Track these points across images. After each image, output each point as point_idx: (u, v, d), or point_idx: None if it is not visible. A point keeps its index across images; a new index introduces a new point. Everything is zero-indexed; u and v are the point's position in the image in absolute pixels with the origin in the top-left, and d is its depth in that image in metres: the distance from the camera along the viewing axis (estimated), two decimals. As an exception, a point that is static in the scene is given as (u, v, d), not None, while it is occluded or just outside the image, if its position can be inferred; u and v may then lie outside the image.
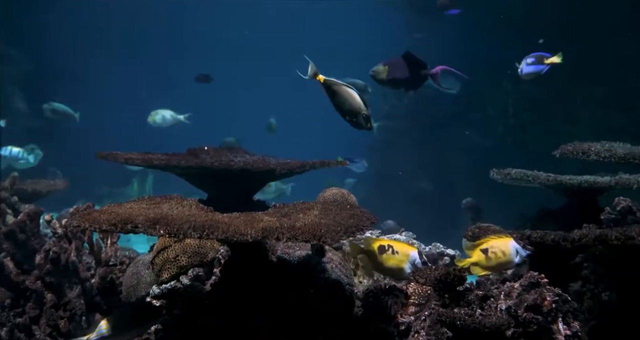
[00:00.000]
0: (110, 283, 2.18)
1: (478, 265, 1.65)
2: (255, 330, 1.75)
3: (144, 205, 1.88)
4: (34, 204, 3.06)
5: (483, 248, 1.65)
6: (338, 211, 1.81)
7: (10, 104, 8.63)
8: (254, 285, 1.81)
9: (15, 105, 8.71)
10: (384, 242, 1.75)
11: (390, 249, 1.71)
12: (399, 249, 1.70)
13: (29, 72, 9.22)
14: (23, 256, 2.25)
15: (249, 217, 1.72)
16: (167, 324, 1.84)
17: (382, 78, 2.70)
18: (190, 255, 2.05)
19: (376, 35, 11.79)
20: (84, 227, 1.57)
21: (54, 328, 1.96)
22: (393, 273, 1.73)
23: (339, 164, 2.65)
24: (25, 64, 9.20)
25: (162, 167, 2.39)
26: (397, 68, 2.72)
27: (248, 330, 1.74)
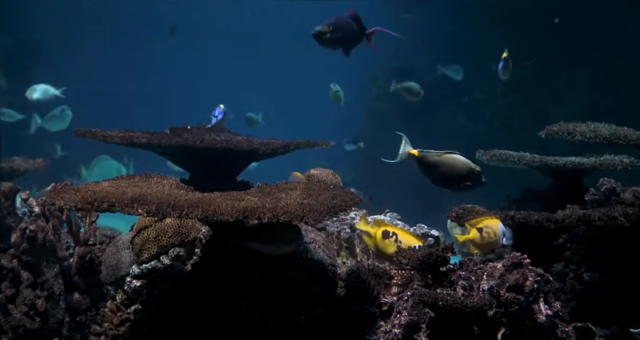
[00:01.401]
0: (89, 262, 2.14)
1: (473, 243, 1.65)
2: (236, 311, 1.72)
3: (122, 184, 1.83)
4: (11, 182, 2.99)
5: (479, 227, 1.64)
6: (321, 191, 1.78)
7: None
8: (235, 266, 1.79)
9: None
10: (390, 228, 1.74)
11: (395, 236, 1.69)
12: (402, 237, 1.69)
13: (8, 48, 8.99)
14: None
15: (230, 196, 1.69)
16: (148, 303, 1.81)
17: (325, 38, 2.64)
18: (171, 235, 2.01)
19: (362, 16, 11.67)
20: (59, 205, 1.53)
21: (30, 307, 1.93)
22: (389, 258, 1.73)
23: (323, 144, 2.62)
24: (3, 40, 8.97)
25: (142, 146, 2.34)
26: (340, 28, 2.66)
27: (229, 311, 1.72)
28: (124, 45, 13.96)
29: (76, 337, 1.99)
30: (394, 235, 1.69)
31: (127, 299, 1.95)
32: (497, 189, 2.47)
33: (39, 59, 9.74)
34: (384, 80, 8.46)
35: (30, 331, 1.90)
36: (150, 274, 1.94)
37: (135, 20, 13.24)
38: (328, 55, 5.48)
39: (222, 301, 1.74)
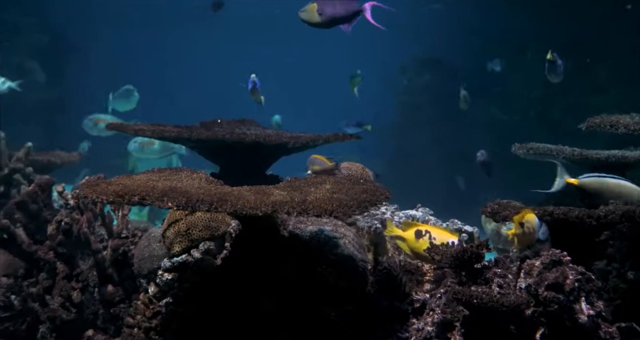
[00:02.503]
0: (122, 255, 2.17)
1: (516, 238, 1.58)
2: (265, 305, 1.72)
3: (153, 178, 1.84)
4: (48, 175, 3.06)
5: (521, 222, 1.57)
6: (351, 186, 1.75)
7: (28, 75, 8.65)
8: (265, 260, 1.78)
9: (32, 77, 8.73)
10: (421, 226, 1.68)
11: (428, 234, 1.63)
12: (436, 234, 1.63)
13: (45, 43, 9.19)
14: (36, 227, 2.25)
15: (259, 190, 1.68)
16: (178, 297, 1.82)
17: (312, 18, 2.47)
18: (201, 229, 2.02)
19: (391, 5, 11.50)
20: (92, 198, 1.54)
21: (66, 298, 1.96)
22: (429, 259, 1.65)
23: (353, 138, 2.58)
24: (41, 36, 9.17)
25: (172, 139, 2.35)
26: (329, 4, 2.44)
27: (258, 305, 1.71)
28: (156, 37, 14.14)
29: (110, 329, 2.01)
30: (426, 233, 1.63)
31: (159, 292, 1.96)
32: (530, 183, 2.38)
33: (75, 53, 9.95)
34: (414, 72, 8.33)
35: (66, 322, 1.93)
36: (181, 267, 1.94)
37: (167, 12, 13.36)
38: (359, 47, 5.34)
39: (251, 295, 1.73)
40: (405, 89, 8.25)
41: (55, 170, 3.36)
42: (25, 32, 8.78)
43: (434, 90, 7.88)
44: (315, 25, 2.52)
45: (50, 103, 8.80)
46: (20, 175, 2.82)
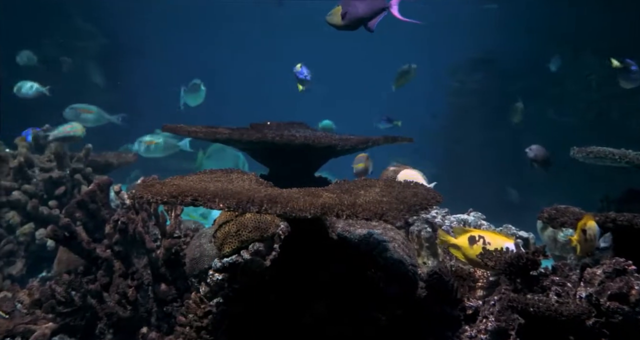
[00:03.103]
0: (174, 255, 2.22)
1: (578, 246, 1.51)
2: (314, 308, 1.71)
3: (205, 179, 1.88)
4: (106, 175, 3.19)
5: (583, 228, 1.50)
6: (401, 189, 1.72)
7: (89, 78, 9.02)
8: (314, 262, 1.77)
9: (93, 80, 9.10)
10: (474, 232, 1.62)
11: (482, 240, 1.58)
12: (491, 240, 1.57)
13: (104, 47, 9.54)
14: (94, 225, 2.33)
15: (308, 192, 1.67)
16: (229, 297, 1.85)
17: (337, 21, 2.43)
18: (250, 230, 2.04)
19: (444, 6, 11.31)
20: (147, 198, 1.58)
21: (122, 296, 2.02)
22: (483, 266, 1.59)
23: (404, 140, 2.54)
24: (101, 39, 9.53)
25: (224, 141, 2.39)
26: (353, 6, 2.43)
27: (307, 308, 1.71)
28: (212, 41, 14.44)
29: (163, 327, 2.06)
30: (480, 238, 1.58)
31: (210, 292, 2.00)
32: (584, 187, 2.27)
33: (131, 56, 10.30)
34: (464, 73, 8.15)
35: (123, 319, 1.99)
36: (231, 267, 1.97)
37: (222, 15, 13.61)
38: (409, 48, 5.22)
39: (300, 298, 1.73)
40: (455, 90, 8.09)
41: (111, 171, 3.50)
42: (85, 37, 9.17)
43: (485, 92, 7.68)
44: (341, 27, 2.52)
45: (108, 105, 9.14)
46: (80, 176, 2.94)
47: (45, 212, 2.74)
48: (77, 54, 8.83)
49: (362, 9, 2.48)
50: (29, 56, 6.21)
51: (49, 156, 2.94)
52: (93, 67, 9.10)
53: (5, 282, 2.49)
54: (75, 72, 8.67)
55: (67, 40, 8.71)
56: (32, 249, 2.73)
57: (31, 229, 2.71)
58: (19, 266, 2.62)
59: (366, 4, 2.50)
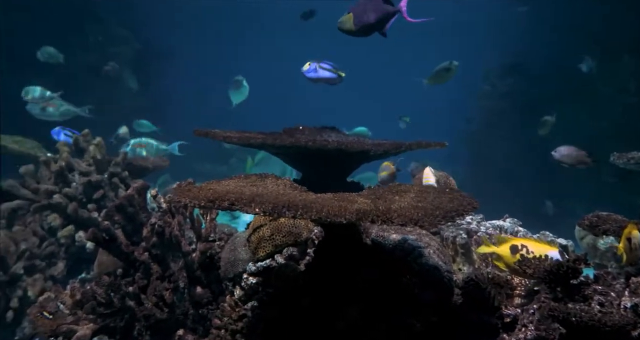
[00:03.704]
0: (209, 258, 2.25)
1: (625, 255, 1.47)
2: (348, 314, 1.71)
3: (240, 183, 1.90)
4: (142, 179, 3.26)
5: (628, 237, 1.46)
6: (436, 194, 1.71)
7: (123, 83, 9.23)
8: (348, 267, 1.78)
9: (127, 84, 9.30)
10: (516, 241, 1.58)
11: (525, 248, 1.55)
12: (534, 248, 1.54)
13: (138, 52, 9.75)
14: (132, 229, 2.39)
15: (342, 198, 1.68)
16: (263, 301, 1.86)
17: (349, 27, 2.43)
18: (284, 235, 2.06)
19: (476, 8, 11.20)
20: (185, 202, 1.61)
21: (159, 298, 2.06)
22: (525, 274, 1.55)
23: (437, 145, 2.52)
24: (134, 44, 9.74)
25: (257, 146, 2.41)
26: (365, 12, 2.45)
27: (340, 313, 1.71)
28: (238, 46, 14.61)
29: (199, 329, 2.09)
30: (523, 247, 1.54)
31: (244, 295, 2.02)
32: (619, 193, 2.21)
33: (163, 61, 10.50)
34: (496, 77, 8.04)
35: (160, 321, 2.03)
36: (266, 271, 1.99)
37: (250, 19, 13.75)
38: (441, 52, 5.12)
39: (334, 303, 1.73)
40: (487, 94, 7.98)
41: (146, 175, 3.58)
42: (120, 42, 9.39)
43: (517, 96, 7.56)
44: (353, 33, 2.53)
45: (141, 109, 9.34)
46: (118, 179, 3.02)
47: (85, 215, 2.82)
48: (112, 59, 9.05)
49: (373, 15, 2.50)
50: (50, 53, 6.19)
51: (89, 160, 3.03)
52: (127, 72, 9.31)
53: (47, 283, 2.57)
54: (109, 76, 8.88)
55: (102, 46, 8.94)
56: (72, 250, 2.81)
57: (71, 231, 2.79)
58: (60, 267, 2.70)
59: (377, 9, 2.51)
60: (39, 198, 2.85)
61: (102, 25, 9.08)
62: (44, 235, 2.77)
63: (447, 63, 4.52)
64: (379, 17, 2.53)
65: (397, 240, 1.88)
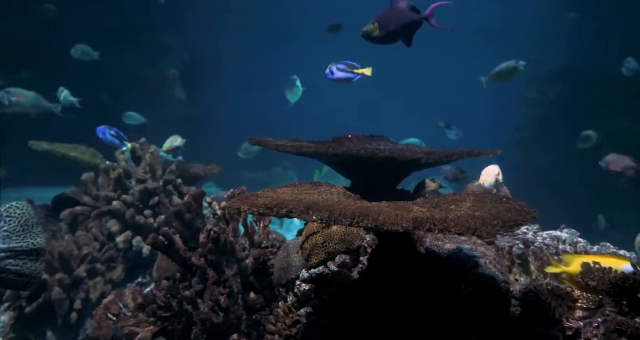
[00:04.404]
0: (262, 264, 2.29)
1: None
2: (403, 323, 1.71)
3: (295, 191, 1.93)
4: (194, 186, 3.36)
5: None
6: (494, 204, 1.70)
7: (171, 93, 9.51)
8: (402, 276, 1.78)
9: (175, 94, 9.58)
10: (587, 258, 1.54)
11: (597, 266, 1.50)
12: (607, 265, 1.49)
13: (185, 62, 10.03)
14: (190, 235, 2.46)
15: (398, 206, 1.69)
16: (318, 308, 1.89)
17: (376, 36, 2.42)
18: (337, 242, 2.08)
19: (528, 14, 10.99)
20: (244, 210, 1.65)
21: (215, 303, 2.12)
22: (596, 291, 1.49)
23: (490, 154, 2.49)
24: (183, 55, 10.03)
25: (310, 155, 2.46)
26: (389, 21, 2.45)
27: (395, 323, 1.72)
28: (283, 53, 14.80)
29: (253, 334, 2.13)
30: (596, 265, 1.50)
31: (298, 302, 2.05)
32: None
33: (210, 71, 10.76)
34: (543, 84, 7.86)
35: (215, 325, 2.08)
36: (319, 279, 2.01)
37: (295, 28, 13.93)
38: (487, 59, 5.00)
39: (388, 312, 1.74)
40: (534, 101, 7.81)
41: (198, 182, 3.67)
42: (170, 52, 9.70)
43: (564, 103, 7.37)
44: (378, 42, 2.54)
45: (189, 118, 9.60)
46: (172, 187, 3.12)
47: (142, 221, 2.93)
48: (163, 70, 9.35)
49: (397, 23, 2.52)
50: (84, 50, 6.20)
51: (145, 168, 3.14)
52: (176, 82, 9.61)
53: (107, 287, 2.67)
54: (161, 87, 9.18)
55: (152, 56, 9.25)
56: (129, 255, 2.92)
57: (129, 236, 2.90)
58: (119, 272, 2.81)
59: (401, 18, 2.53)
60: (99, 204, 2.98)
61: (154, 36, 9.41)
62: (104, 240, 2.90)
63: (513, 62, 4.39)
64: (404, 26, 2.55)
65: (452, 249, 1.88)
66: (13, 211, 1.84)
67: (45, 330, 2.49)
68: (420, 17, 2.58)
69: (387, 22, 2.52)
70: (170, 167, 3.14)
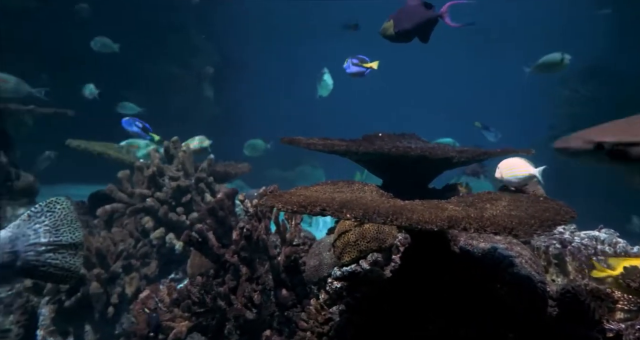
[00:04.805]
0: (294, 262, 2.31)
1: None
2: (436, 322, 1.70)
3: (328, 189, 1.94)
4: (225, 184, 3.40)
5: None
6: (530, 203, 1.67)
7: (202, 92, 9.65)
8: (436, 275, 1.77)
9: (205, 94, 9.71)
10: (635, 261, 1.50)
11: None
12: None
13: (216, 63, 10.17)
14: (222, 232, 2.49)
15: (431, 205, 1.68)
16: (350, 305, 1.89)
17: (390, 33, 2.44)
18: (369, 240, 2.08)
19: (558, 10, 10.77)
20: (278, 208, 1.66)
21: (248, 299, 2.14)
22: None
23: (523, 152, 2.45)
24: (214, 57, 10.17)
25: (341, 153, 2.46)
26: (404, 18, 2.46)
27: (428, 321, 1.71)
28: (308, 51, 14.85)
29: (285, 331, 2.15)
30: None
31: (329, 299, 2.06)
32: None
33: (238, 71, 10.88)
34: (577, 82, 7.69)
35: (248, 321, 2.11)
36: (351, 276, 2.02)
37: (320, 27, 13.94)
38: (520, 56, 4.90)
39: (422, 310, 1.73)
40: (568, 99, 7.64)
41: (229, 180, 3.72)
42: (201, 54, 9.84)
43: (597, 100, 7.19)
44: (394, 39, 2.53)
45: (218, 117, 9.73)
46: (204, 184, 3.16)
47: (174, 218, 2.98)
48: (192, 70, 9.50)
49: (414, 21, 2.53)
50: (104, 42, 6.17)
51: (177, 166, 3.20)
52: (205, 82, 9.75)
53: (142, 282, 2.73)
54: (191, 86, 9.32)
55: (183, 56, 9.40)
56: (162, 251, 2.97)
57: (162, 233, 2.96)
58: (153, 267, 2.87)
59: (416, 15, 2.53)
60: (134, 201, 3.04)
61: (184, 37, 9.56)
62: (139, 236, 2.96)
63: (558, 54, 4.30)
64: (419, 23, 2.55)
65: (486, 248, 1.86)
66: (53, 206, 1.89)
67: (84, 323, 2.56)
68: (434, 15, 2.58)
69: (401, 21, 2.54)
70: (201, 165, 3.19)
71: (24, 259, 1.79)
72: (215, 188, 3.23)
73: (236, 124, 10.34)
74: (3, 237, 1.77)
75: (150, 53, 8.79)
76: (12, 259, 1.77)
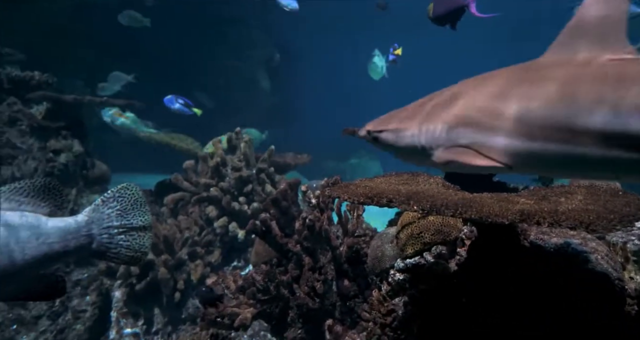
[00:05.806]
0: (355, 253, 2.31)
1: None
2: (504, 315, 1.66)
3: (392, 181, 1.92)
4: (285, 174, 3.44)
5: None
6: (609, 197, 1.59)
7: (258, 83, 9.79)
8: (504, 269, 1.72)
9: (261, 85, 9.86)
10: None
11: None
12: None
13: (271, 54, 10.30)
14: (285, 222, 2.53)
15: (501, 198, 1.63)
16: (414, 298, 1.87)
17: (429, 16, 2.60)
18: (433, 233, 2.05)
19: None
20: (344, 199, 1.67)
21: (311, 289, 2.17)
22: None
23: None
24: (270, 48, 10.30)
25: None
26: (439, 3, 2.62)
27: (496, 315, 1.67)
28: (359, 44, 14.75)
29: (346, 320, 2.16)
30: None
31: (391, 291, 2.05)
32: None
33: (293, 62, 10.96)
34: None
35: (311, 310, 2.13)
36: (414, 269, 2.00)
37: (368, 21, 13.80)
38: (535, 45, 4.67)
39: (489, 304, 1.69)
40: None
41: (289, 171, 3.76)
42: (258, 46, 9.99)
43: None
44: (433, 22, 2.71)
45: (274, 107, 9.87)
46: (265, 175, 3.22)
47: (237, 208, 3.05)
48: (250, 61, 9.66)
49: (445, 8, 2.67)
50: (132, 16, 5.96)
51: (240, 156, 3.27)
52: (261, 73, 9.88)
53: (206, 269, 2.82)
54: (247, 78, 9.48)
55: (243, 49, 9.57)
56: (225, 240, 3.05)
57: (225, 222, 3.03)
58: (217, 255, 2.95)
59: (449, 2, 2.66)
60: (199, 190, 3.13)
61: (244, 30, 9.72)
62: (203, 224, 3.05)
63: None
64: (449, 10, 2.68)
65: (559, 244, 1.79)
66: (124, 191, 1.99)
67: (153, 306, 2.67)
68: (462, 3, 2.67)
69: (437, 5, 2.69)
70: (262, 155, 3.24)
71: (99, 241, 1.89)
72: (275, 178, 3.27)
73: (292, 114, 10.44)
74: (80, 221, 1.88)
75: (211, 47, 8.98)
76: (89, 241, 1.87)
